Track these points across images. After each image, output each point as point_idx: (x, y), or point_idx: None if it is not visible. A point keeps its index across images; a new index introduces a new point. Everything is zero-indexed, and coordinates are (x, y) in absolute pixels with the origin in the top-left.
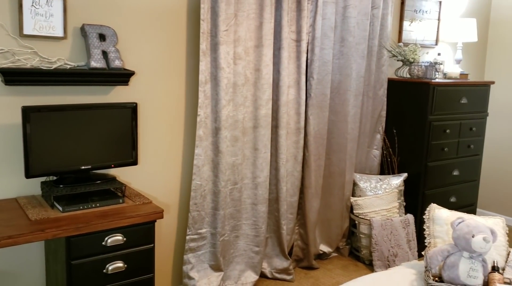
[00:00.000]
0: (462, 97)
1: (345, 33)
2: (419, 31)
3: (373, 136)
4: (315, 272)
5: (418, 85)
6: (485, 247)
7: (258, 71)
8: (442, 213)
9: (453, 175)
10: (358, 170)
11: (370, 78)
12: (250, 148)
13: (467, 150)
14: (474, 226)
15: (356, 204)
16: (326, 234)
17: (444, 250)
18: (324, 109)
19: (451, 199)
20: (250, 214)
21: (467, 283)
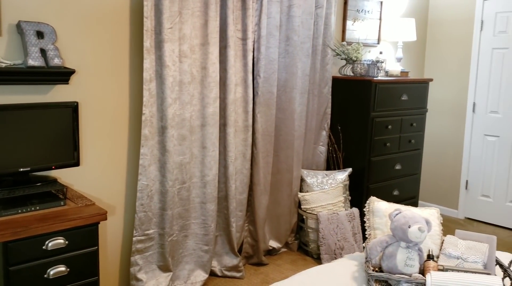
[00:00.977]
0: (403, 94)
1: (290, 32)
2: (362, 30)
3: (319, 133)
4: (264, 268)
5: (361, 83)
6: (420, 236)
7: (204, 69)
8: (381, 206)
9: (395, 169)
10: (305, 166)
11: (315, 76)
12: (198, 147)
13: (408, 145)
14: (410, 217)
15: (304, 199)
16: (275, 230)
17: (383, 241)
18: (271, 107)
19: (394, 192)
20: (199, 213)
21: (405, 272)
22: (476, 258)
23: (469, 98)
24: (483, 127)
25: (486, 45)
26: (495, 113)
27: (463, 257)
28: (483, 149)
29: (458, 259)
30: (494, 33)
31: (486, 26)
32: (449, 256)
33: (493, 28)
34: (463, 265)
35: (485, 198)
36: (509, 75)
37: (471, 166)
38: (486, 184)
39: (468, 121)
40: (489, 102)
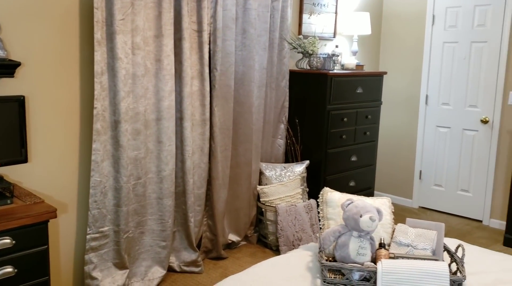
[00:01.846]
0: (358, 87)
1: (247, 24)
2: (318, 24)
3: (277, 126)
4: (224, 262)
5: (317, 76)
6: (371, 225)
7: (159, 61)
8: (334, 196)
9: (351, 161)
10: (264, 159)
11: (273, 69)
12: (154, 141)
13: (363, 137)
14: (362, 206)
15: (263, 192)
16: (235, 223)
17: (336, 230)
18: (229, 100)
19: (351, 183)
20: (156, 209)
21: (357, 261)
22: (425, 245)
23: (422, 91)
24: (435, 118)
25: (437, 39)
26: (446, 105)
27: (413, 244)
28: (435, 140)
29: (408, 247)
30: (445, 27)
31: (437, 20)
32: (399, 244)
33: (444, 23)
34: (413, 252)
35: (438, 188)
36: (459, 68)
37: (424, 157)
38: (438, 174)
39: (421, 113)
40: (441, 94)
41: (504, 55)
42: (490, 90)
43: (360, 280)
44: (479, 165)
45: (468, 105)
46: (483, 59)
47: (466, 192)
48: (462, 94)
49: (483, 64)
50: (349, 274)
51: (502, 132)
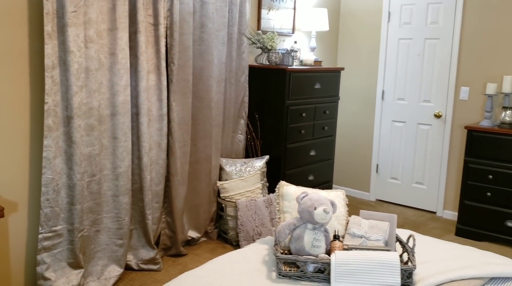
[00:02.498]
0: (316, 82)
1: (205, 19)
2: (277, 19)
3: (237, 122)
4: (183, 259)
5: (276, 71)
6: (325, 218)
7: (113, 55)
8: (290, 189)
9: (310, 155)
10: (224, 155)
11: (232, 64)
12: (109, 137)
13: (322, 132)
14: (316, 199)
15: (223, 187)
16: (194, 219)
17: (291, 223)
18: (187, 95)
19: (310, 178)
20: (112, 206)
21: (312, 253)
22: (378, 236)
23: (379, 86)
24: (391, 113)
25: (393, 35)
26: (401, 100)
27: (366, 235)
28: (391, 134)
29: (361, 238)
30: (400, 24)
31: (393, 17)
32: (353, 235)
33: (399, 20)
34: (366, 243)
35: (394, 181)
36: (414, 65)
37: (381, 151)
38: (394, 167)
39: (377, 108)
40: (396, 89)
41: (456, 52)
42: (443, 86)
43: (314, 272)
44: (432, 158)
45: (422, 100)
46: (436, 56)
47: (420, 185)
48: (417, 90)
49: (436, 60)
50: (303, 266)
51: (454, 126)
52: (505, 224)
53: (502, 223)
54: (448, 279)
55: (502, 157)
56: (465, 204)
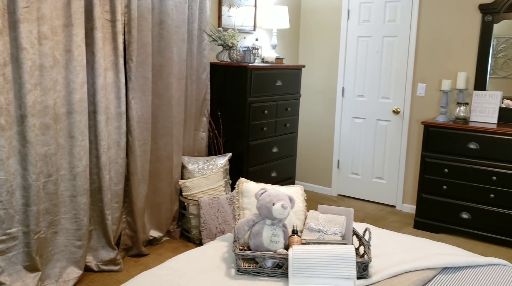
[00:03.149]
0: (278, 80)
1: (164, 15)
2: (238, 16)
3: (199, 119)
4: (145, 259)
5: (237, 69)
6: (283, 213)
7: (69, 52)
8: (250, 186)
9: (273, 152)
10: (187, 153)
11: (193, 61)
12: (65, 136)
13: (284, 129)
14: (274, 195)
15: (185, 186)
16: (156, 219)
17: (250, 220)
18: (147, 92)
19: (272, 174)
20: (70, 207)
21: (270, 248)
22: (335, 230)
23: (339, 83)
24: (351, 110)
25: (352, 33)
26: (361, 97)
27: (323, 230)
28: (351, 130)
29: (319, 232)
30: (359, 22)
31: (352, 15)
32: (311, 230)
33: (358, 18)
34: (324, 237)
35: (355, 176)
36: (373, 62)
37: (342, 147)
38: (355, 163)
39: (338, 105)
40: (356, 86)
41: (413, 49)
42: (401, 82)
43: (273, 267)
44: (391, 153)
45: (381, 97)
46: (394, 53)
47: (380, 180)
48: (376, 87)
49: (394, 58)
50: (262, 262)
51: (412, 122)
52: (460, 216)
53: (457, 215)
54: (402, 271)
55: (456, 151)
56: (423, 197)
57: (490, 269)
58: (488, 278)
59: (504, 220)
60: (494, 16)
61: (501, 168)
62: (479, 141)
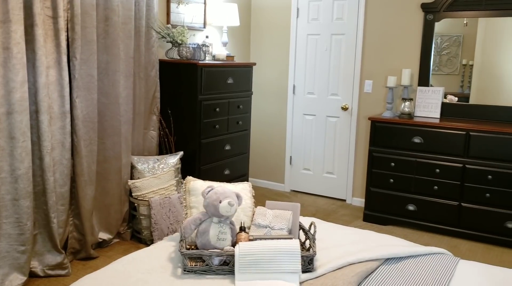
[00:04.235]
0: (229, 77)
1: (109, 11)
2: (188, 13)
3: (149, 118)
4: (94, 262)
5: (187, 66)
6: (230, 210)
7: (7, 49)
8: (197, 184)
9: (225, 150)
10: (136, 152)
11: (141, 59)
12: (5, 137)
13: (236, 126)
14: (221, 192)
15: (135, 186)
16: (105, 221)
17: (197, 218)
18: (92, 91)
19: (225, 172)
20: (12, 211)
21: (217, 246)
22: (282, 225)
23: (290, 81)
24: (302, 107)
25: (302, 31)
26: (311, 94)
27: (270, 225)
28: (303, 127)
29: (266, 228)
30: (308, 20)
31: (301, 13)
32: (258, 226)
33: (307, 16)
34: (271, 233)
35: (307, 171)
36: (322, 60)
37: (294, 143)
38: (306, 159)
39: (289, 102)
40: (306, 84)
41: (360, 47)
42: (349, 79)
43: (220, 264)
44: (341, 149)
45: (330, 94)
46: (342, 51)
47: (331, 174)
48: (325, 84)
49: (342, 55)
50: (209, 260)
51: (360, 118)
52: (406, 208)
53: (404, 207)
54: (347, 263)
55: (402, 145)
56: (371, 191)
57: (430, 258)
58: (428, 267)
59: (447, 210)
60: (435, 15)
61: (443, 160)
62: (423, 135)
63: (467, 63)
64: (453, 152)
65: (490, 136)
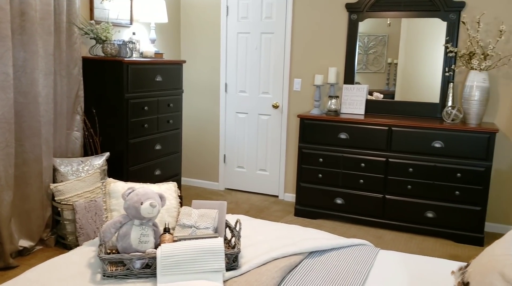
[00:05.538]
0: (157, 75)
1: (25, 6)
2: (113, 9)
3: (72, 118)
4: (14, 272)
5: (112, 63)
6: (152, 212)
7: None
8: (118, 186)
9: (155, 150)
10: (59, 155)
11: (62, 56)
12: None
13: (167, 125)
14: (143, 194)
15: (57, 190)
16: (26, 227)
17: (117, 221)
18: (8, 90)
19: (156, 172)
20: None
21: (139, 249)
22: (207, 224)
23: (222, 79)
24: (234, 105)
25: (232, 29)
26: (243, 92)
27: (196, 225)
28: (235, 125)
29: (191, 228)
30: (238, 18)
31: (231, 11)
32: (183, 226)
33: (237, 14)
34: (196, 232)
35: (240, 169)
36: (252, 58)
37: (227, 142)
38: (240, 157)
39: (222, 100)
40: (238, 82)
41: (288, 46)
42: (279, 78)
43: (142, 268)
44: (273, 146)
45: (262, 92)
46: (272, 49)
47: (264, 171)
48: (256, 82)
49: (272, 54)
50: (129, 264)
51: (290, 115)
52: (334, 202)
53: (332, 201)
54: (271, 258)
55: (329, 141)
56: (301, 186)
57: (352, 250)
58: (350, 258)
59: (372, 203)
60: (359, 15)
61: (368, 155)
62: (348, 131)
63: (392, 61)
64: (377, 147)
65: (410, 131)
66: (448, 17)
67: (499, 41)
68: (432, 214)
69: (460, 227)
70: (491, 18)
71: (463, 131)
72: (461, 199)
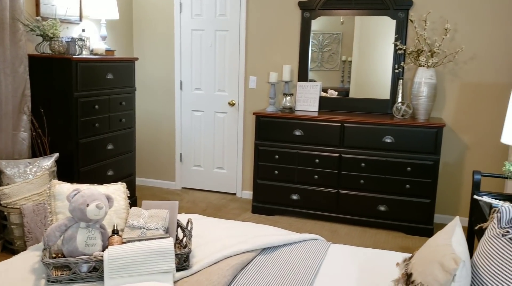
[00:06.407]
0: (108, 73)
1: None
2: (61, 5)
3: (18, 118)
4: None
5: (60, 61)
6: (99, 214)
7: None
8: (63, 188)
9: (108, 149)
10: (4, 156)
11: (6, 53)
12: None
13: (119, 124)
14: (89, 195)
15: (3, 193)
16: None
17: (62, 224)
18: None
19: (109, 173)
20: None
21: (86, 252)
22: (158, 225)
23: (176, 77)
24: (190, 103)
25: (186, 26)
26: (199, 90)
27: (145, 226)
28: (191, 123)
29: (141, 229)
30: (192, 15)
31: (184, 8)
32: (132, 227)
33: (190, 11)
34: (146, 233)
35: (197, 168)
36: (207, 56)
37: (183, 140)
38: (197, 155)
39: (177, 98)
40: (193, 80)
41: (243, 43)
42: (234, 75)
43: (89, 271)
44: (230, 144)
45: (217, 90)
46: (227, 47)
47: (221, 170)
48: (212, 80)
49: (227, 52)
50: (75, 268)
51: (246, 113)
52: (291, 198)
53: (288, 197)
54: (222, 256)
55: (284, 138)
56: (258, 183)
57: (304, 245)
58: (302, 253)
59: (327, 198)
60: (311, 13)
61: (322, 151)
62: (303, 128)
63: (346, 59)
64: (330, 143)
65: (362, 126)
66: (397, 16)
67: (444, 39)
68: (384, 208)
69: (411, 220)
70: (437, 17)
71: (412, 126)
72: (412, 192)
